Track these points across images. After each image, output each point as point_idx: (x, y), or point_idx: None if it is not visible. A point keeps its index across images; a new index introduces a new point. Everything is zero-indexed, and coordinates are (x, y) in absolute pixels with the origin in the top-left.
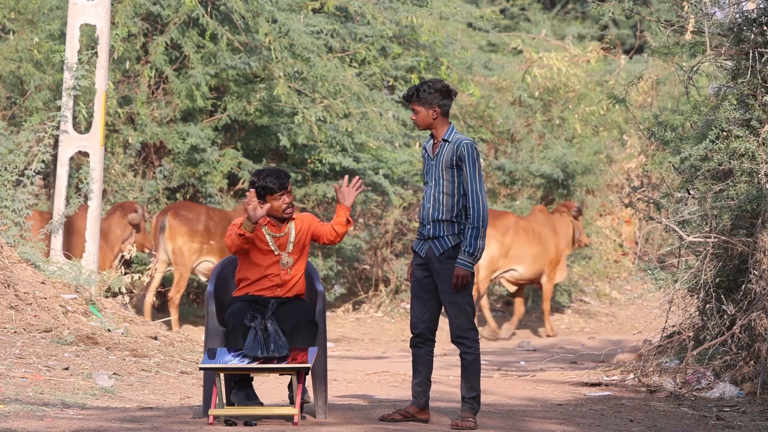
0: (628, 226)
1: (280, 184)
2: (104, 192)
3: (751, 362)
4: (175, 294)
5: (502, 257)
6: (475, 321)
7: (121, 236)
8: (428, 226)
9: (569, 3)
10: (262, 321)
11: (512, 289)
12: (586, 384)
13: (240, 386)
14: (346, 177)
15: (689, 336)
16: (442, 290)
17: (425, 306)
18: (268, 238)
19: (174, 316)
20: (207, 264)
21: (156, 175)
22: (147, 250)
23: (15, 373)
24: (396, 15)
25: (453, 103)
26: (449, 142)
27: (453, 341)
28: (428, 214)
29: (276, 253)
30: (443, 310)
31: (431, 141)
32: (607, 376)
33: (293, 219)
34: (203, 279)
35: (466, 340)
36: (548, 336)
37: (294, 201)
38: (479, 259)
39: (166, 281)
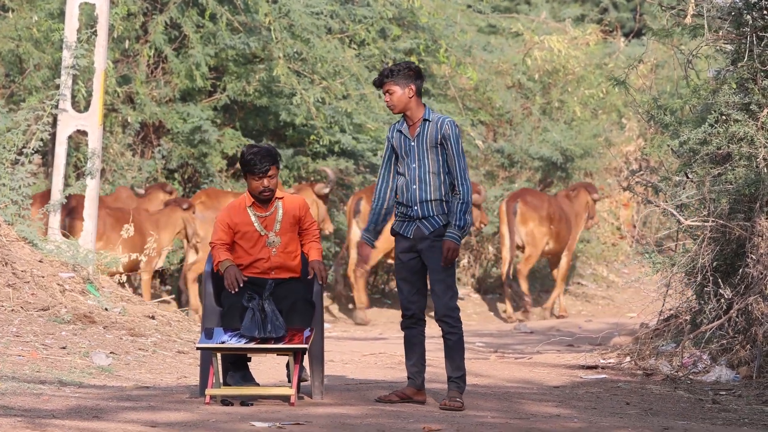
0: (626, 210)
1: (260, 168)
2: (103, 171)
3: (748, 346)
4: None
5: None
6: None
7: None
8: (415, 207)
9: None
10: (260, 301)
11: None
12: (582, 367)
13: (236, 368)
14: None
15: (686, 320)
16: (431, 268)
17: (414, 287)
18: (253, 218)
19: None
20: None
21: (155, 155)
22: (483, 225)
23: (12, 351)
24: None
25: (451, 85)
26: (430, 121)
27: (438, 320)
28: (414, 195)
29: (262, 233)
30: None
31: (405, 124)
32: (604, 359)
33: (281, 198)
34: None
35: (450, 319)
36: None
37: (275, 185)
38: (467, 233)
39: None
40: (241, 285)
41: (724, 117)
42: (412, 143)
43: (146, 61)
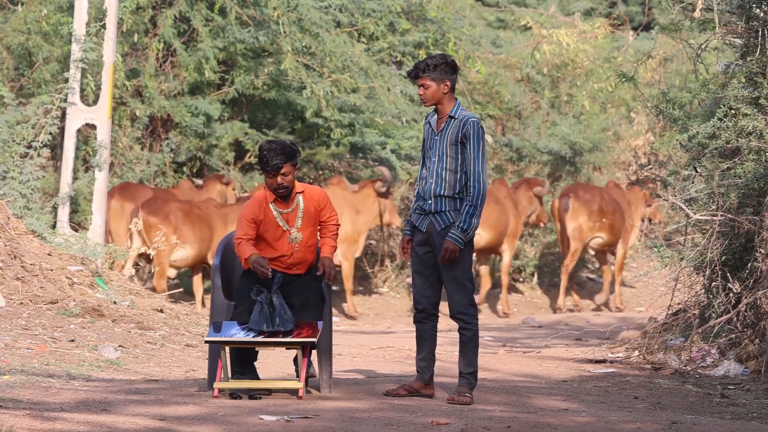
0: None
1: (272, 166)
2: (111, 164)
3: (757, 340)
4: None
5: None
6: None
7: (528, 208)
8: (429, 201)
9: None
10: (268, 295)
11: None
12: (590, 361)
13: (244, 370)
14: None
15: (695, 314)
16: (442, 266)
17: (427, 281)
18: (275, 213)
19: None
20: (598, 240)
21: (163, 149)
22: (543, 224)
23: (21, 344)
24: None
25: (459, 79)
26: (455, 118)
27: (452, 317)
28: (430, 189)
29: (284, 228)
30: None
31: (435, 116)
32: (612, 353)
33: (301, 192)
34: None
35: (465, 316)
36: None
37: (291, 182)
38: (471, 236)
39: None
40: (270, 272)
41: (733, 111)
42: (436, 137)
43: (155, 55)
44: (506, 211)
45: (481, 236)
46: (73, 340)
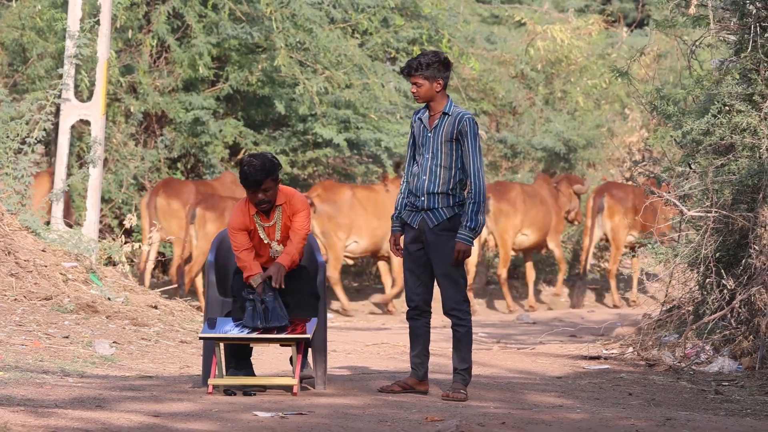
0: None
1: (252, 182)
2: (105, 161)
3: (751, 337)
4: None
5: None
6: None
7: (566, 204)
8: (422, 198)
9: None
10: (261, 292)
11: None
12: (585, 357)
13: (240, 365)
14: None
15: (689, 310)
16: (435, 262)
17: (419, 279)
18: (258, 225)
19: None
20: (629, 238)
21: (157, 145)
22: (578, 222)
23: (15, 340)
24: None
25: (453, 75)
26: (449, 115)
27: (445, 313)
28: (423, 186)
29: (265, 241)
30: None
31: (426, 112)
32: (607, 350)
33: (281, 205)
34: None
35: (458, 312)
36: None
37: (273, 196)
38: (479, 233)
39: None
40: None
41: (727, 108)
42: (429, 134)
43: (149, 51)
44: (550, 210)
45: (528, 236)
46: (67, 337)
